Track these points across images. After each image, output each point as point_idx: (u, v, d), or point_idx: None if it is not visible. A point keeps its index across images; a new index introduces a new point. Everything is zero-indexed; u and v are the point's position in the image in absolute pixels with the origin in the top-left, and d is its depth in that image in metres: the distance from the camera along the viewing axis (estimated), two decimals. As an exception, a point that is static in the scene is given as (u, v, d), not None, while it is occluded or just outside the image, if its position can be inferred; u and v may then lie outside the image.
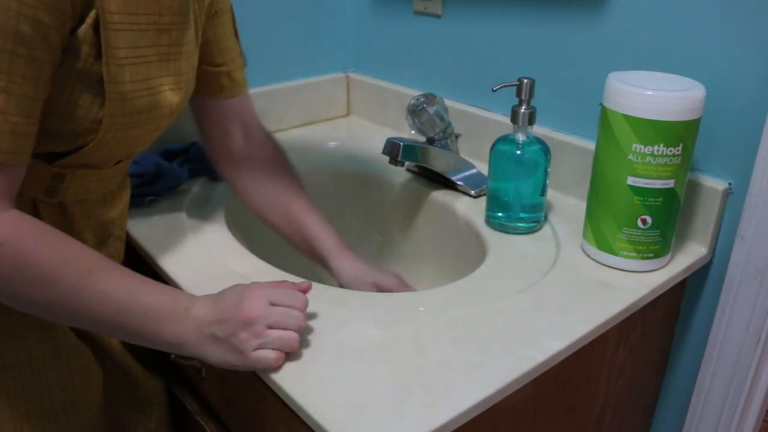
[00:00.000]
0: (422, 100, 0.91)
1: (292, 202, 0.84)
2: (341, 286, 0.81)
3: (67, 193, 0.66)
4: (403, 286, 0.82)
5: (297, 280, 0.73)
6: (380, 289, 0.80)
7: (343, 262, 0.82)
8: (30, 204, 0.65)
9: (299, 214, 0.84)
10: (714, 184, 0.77)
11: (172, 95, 0.67)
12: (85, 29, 0.56)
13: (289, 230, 0.85)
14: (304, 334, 0.63)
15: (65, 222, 0.68)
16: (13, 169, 0.56)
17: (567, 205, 0.91)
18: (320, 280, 0.74)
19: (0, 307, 0.62)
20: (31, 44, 0.52)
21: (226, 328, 0.58)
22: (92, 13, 0.56)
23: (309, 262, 0.86)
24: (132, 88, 0.61)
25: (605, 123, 0.71)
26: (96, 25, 0.57)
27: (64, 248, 0.56)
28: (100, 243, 0.73)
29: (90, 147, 0.62)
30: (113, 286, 0.57)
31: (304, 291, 0.63)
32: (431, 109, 0.91)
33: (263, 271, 0.75)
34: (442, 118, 0.92)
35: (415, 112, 0.91)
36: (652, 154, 0.68)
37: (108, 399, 0.76)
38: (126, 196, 0.78)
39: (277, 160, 0.86)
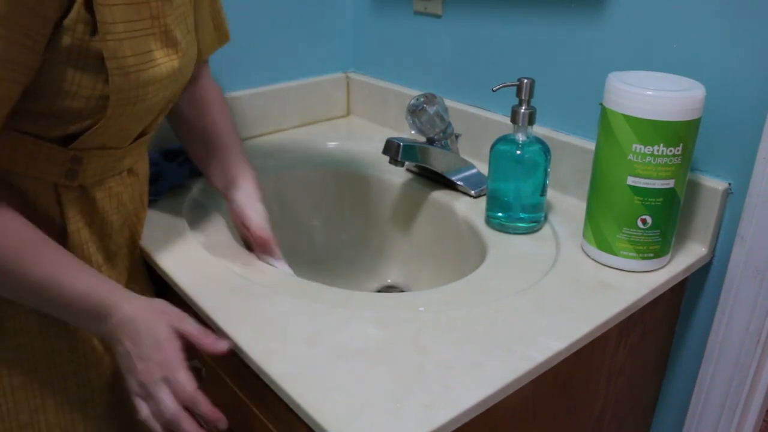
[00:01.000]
0: (422, 100, 0.91)
1: (209, 117, 0.85)
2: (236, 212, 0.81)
3: (86, 175, 0.67)
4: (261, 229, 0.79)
5: (295, 279, 0.73)
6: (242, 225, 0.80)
7: (236, 192, 0.81)
8: (52, 188, 0.66)
9: (213, 127, 0.84)
10: (714, 184, 0.77)
11: (173, 64, 0.67)
12: (77, 8, 0.56)
13: (210, 165, 0.84)
14: (304, 334, 0.63)
15: (87, 204, 0.69)
16: None
17: (567, 205, 0.91)
18: (319, 281, 0.75)
19: (16, 302, 0.64)
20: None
21: (134, 359, 0.61)
22: None
23: (308, 263, 0.86)
24: (134, 61, 0.61)
25: (605, 123, 0.71)
26: (88, 4, 0.56)
27: (6, 234, 0.58)
28: (122, 222, 0.75)
29: (101, 125, 0.62)
30: (41, 276, 0.59)
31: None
32: (431, 109, 0.91)
33: (263, 272, 0.75)
34: (442, 118, 0.92)
35: (415, 112, 0.91)
36: (652, 154, 0.68)
37: (120, 397, 0.76)
38: (145, 167, 0.79)
39: (208, 90, 0.86)
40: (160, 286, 0.80)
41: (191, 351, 0.80)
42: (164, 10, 0.65)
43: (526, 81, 0.80)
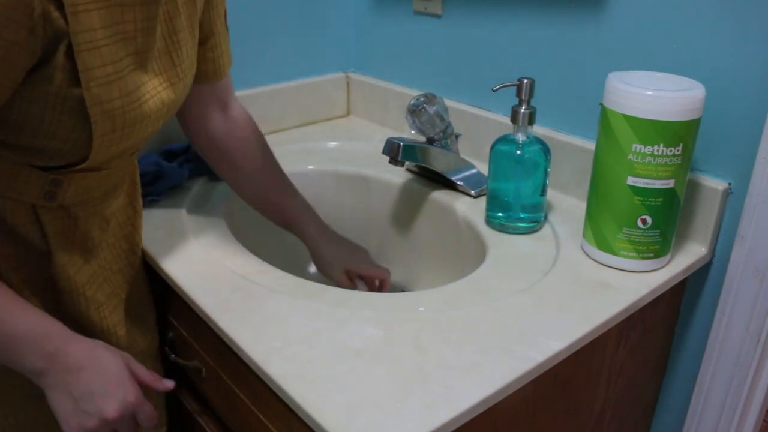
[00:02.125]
0: (422, 100, 0.91)
1: (272, 182, 0.86)
2: (323, 274, 0.86)
3: (66, 196, 0.65)
4: (374, 268, 0.86)
5: (295, 279, 0.73)
6: (351, 275, 0.85)
7: (318, 245, 0.86)
8: (30, 209, 0.64)
9: (279, 196, 0.87)
10: (714, 184, 0.77)
11: (166, 94, 0.66)
12: (57, 57, 0.53)
13: (268, 211, 0.87)
14: (304, 334, 0.63)
15: (69, 223, 0.67)
16: None
17: (567, 205, 0.91)
18: (320, 281, 0.74)
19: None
20: None
21: (76, 400, 0.58)
22: (64, 41, 0.52)
23: (307, 262, 0.86)
24: (121, 103, 0.58)
25: (605, 123, 0.71)
26: (69, 51, 0.53)
27: None
28: (102, 234, 0.72)
29: (85, 163, 0.61)
30: None
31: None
32: (431, 109, 0.91)
33: (263, 272, 0.75)
34: (442, 118, 0.92)
35: (415, 112, 0.91)
36: (652, 154, 0.68)
37: None
38: (133, 174, 0.78)
39: (256, 140, 0.86)
40: (161, 287, 0.80)
41: (191, 351, 0.80)
42: (162, 34, 0.63)
43: (526, 81, 0.80)
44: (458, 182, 0.95)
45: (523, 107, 0.80)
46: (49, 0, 0.50)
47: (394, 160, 0.90)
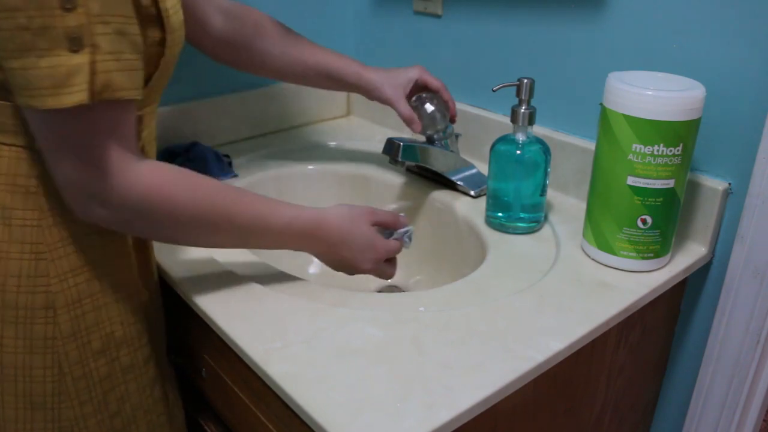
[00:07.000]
0: (424, 96, 0.92)
1: (300, 49, 0.91)
2: (379, 95, 0.91)
3: (142, 135, 0.67)
4: (427, 74, 0.91)
5: (295, 279, 0.74)
6: (411, 80, 0.91)
7: (372, 75, 0.91)
8: None
9: (314, 56, 0.91)
10: (714, 184, 0.77)
11: (180, 14, 0.67)
12: None
13: (311, 75, 0.92)
14: (304, 334, 0.63)
15: None
16: (133, 109, 0.58)
17: (567, 205, 0.91)
18: (320, 281, 0.75)
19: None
20: None
21: (352, 261, 0.72)
22: None
23: (307, 262, 0.86)
24: (171, 3, 0.61)
25: (605, 123, 0.71)
26: None
27: (204, 188, 0.63)
28: None
29: (158, 73, 0.63)
30: (248, 221, 0.65)
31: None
32: (433, 105, 0.91)
33: (263, 272, 0.75)
34: (443, 116, 0.92)
35: (417, 107, 0.91)
36: (652, 154, 0.68)
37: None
38: None
39: (264, 22, 0.89)
40: (161, 286, 0.80)
41: (191, 351, 0.80)
42: None
43: (526, 81, 0.80)
44: (458, 182, 0.95)
45: (523, 107, 0.80)
46: None
47: (394, 160, 0.90)
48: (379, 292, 0.97)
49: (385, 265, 0.74)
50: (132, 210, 0.59)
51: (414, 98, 0.92)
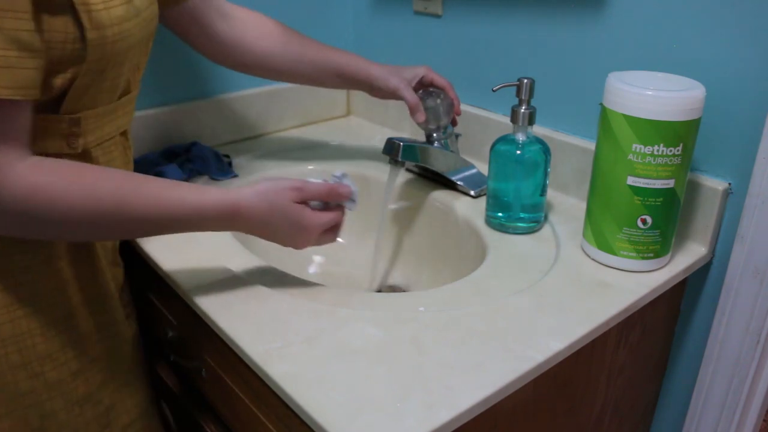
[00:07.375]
0: (431, 90, 0.92)
1: (306, 49, 0.91)
2: (386, 85, 0.91)
3: (87, 139, 0.65)
4: (434, 73, 0.92)
5: (295, 279, 0.74)
6: (418, 75, 0.92)
7: (379, 68, 0.91)
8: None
9: (321, 55, 0.91)
10: (714, 184, 0.77)
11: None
12: None
13: (319, 74, 0.92)
14: (304, 334, 0.63)
15: None
16: (19, 109, 0.55)
17: (567, 205, 0.91)
18: (320, 281, 0.74)
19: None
20: None
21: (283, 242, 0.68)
22: None
23: (308, 262, 0.86)
24: None
25: (605, 123, 0.71)
26: None
27: (90, 183, 0.58)
28: None
29: (84, 73, 0.59)
30: (150, 211, 0.61)
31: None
32: (438, 100, 0.91)
33: (263, 272, 0.75)
34: (447, 112, 0.92)
35: (422, 98, 0.91)
36: (652, 154, 0.68)
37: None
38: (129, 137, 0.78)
39: (267, 25, 0.89)
40: (161, 286, 0.80)
41: (191, 351, 0.80)
42: None
43: (526, 81, 0.80)
44: (458, 182, 0.95)
45: (523, 107, 0.80)
46: None
47: (394, 160, 0.90)
48: (379, 292, 0.97)
49: (323, 236, 0.69)
50: (16, 213, 0.55)
51: (420, 92, 0.92)
